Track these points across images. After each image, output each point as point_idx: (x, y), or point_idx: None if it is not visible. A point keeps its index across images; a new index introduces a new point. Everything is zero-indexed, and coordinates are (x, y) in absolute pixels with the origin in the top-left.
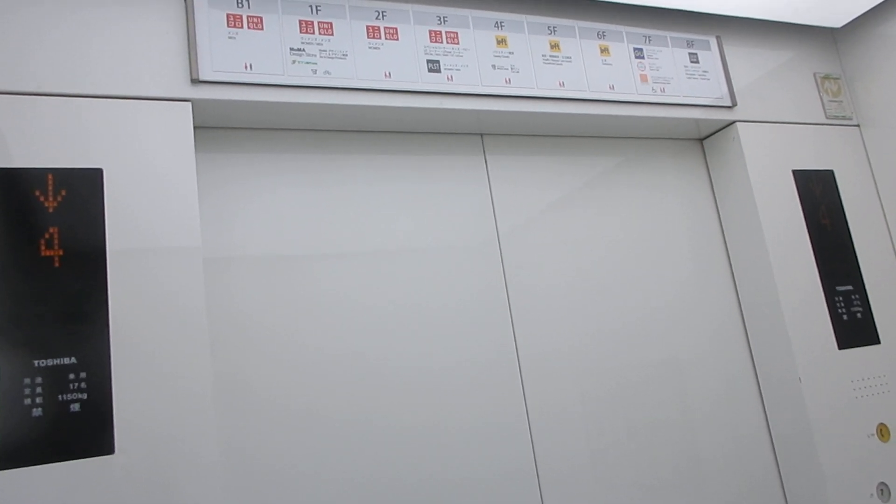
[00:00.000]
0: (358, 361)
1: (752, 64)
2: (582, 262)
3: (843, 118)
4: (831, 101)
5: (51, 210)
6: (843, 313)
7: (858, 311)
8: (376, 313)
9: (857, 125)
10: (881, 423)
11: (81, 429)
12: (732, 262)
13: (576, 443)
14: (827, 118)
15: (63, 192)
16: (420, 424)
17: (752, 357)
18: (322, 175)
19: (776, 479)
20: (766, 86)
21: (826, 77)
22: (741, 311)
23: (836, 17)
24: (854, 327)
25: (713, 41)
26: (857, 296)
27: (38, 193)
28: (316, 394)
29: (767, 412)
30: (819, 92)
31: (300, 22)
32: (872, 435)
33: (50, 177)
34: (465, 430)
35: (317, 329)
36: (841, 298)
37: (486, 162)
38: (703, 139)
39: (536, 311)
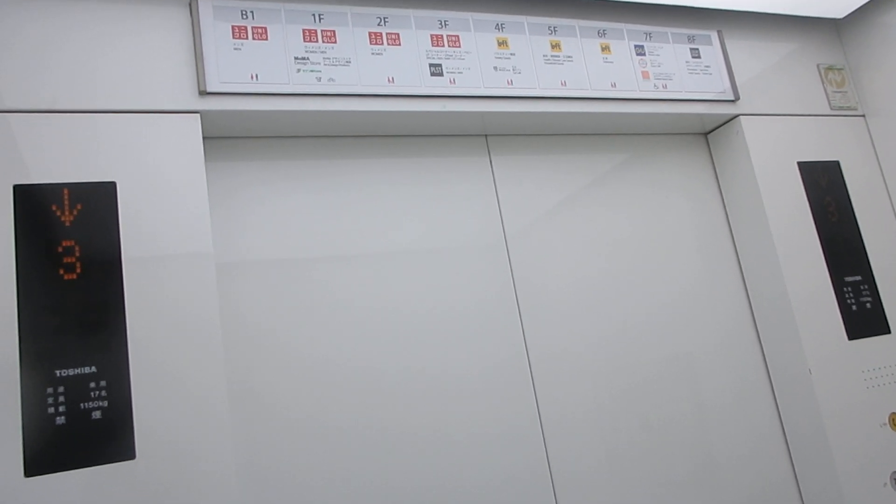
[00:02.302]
0: (367, 364)
1: (754, 57)
2: (589, 260)
3: (848, 109)
4: (836, 91)
5: (67, 224)
6: (852, 304)
7: (868, 302)
8: (385, 316)
9: (863, 115)
10: (893, 413)
11: (103, 435)
12: (740, 256)
13: (588, 442)
14: (832, 109)
15: (79, 206)
16: (431, 427)
17: (763, 350)
18: (329, 180)
19: (789, 471)
20: (770, 79)
21: (830, 68)
22: (750, 304)
23: (839, 7)
24: (864, 317)
25: (714, 36)
26: (865, 286)
27: (54, 208)
28: (326, 397)
29: (779, 404)
30: (823, 83)
31: (304, 31)
32: (884, 425)
33: (66, 191)
34: (477, 431)
35: (326, 332)
36: (850, 289)
37: (490, 163)
38: (707, 134)
39: (546, 311)
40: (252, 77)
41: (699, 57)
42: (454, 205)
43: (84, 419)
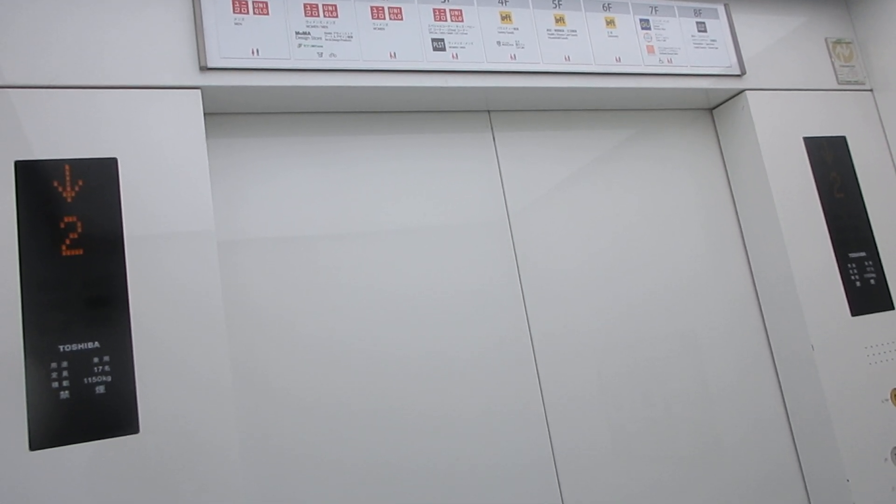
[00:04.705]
0: (367, 342)
1: (761, 31)
2: (593, 238)
3: (856, 83)
4: (843, 66)
5: (69, 200)
6: (856, 280)
7: (872, 278)
8: (386, 294)
9: (870, 90)
10: (895, 389)
11: (107, 410)
12: (744, 232)
13: (591, 421)
14: (839, 84)
15: (80, 182)
16: (432, 406)
17: (766, 326)
18: (331, 156)
19: (791, 446)
20: (776, 53)
21: (838, 42)
22: (753, 280)
23: None
24: (867, 294)
25: (721, 9)
26: (870, 262)
27: (56, 184)
28: (327, 374)
29: (781, 381)
30: (831, 57)
31: (305, 5)
32: (886, 400)
33: (67, 167)
34: (479, 411)
35: (325, 308)
36: (854, 265)
37: (494, 139)
38: (712, 109)
39: (548, 290)
40: (253, 52)
41: (705, 31)
42: (456, 182)
43: (88, 394)
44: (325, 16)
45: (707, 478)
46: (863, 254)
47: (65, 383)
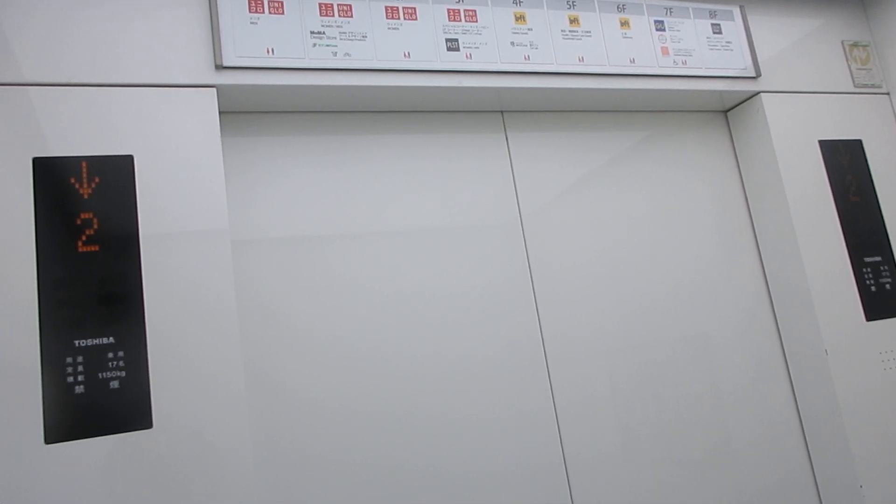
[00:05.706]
0: (379, 341)
1: (777, 33)
2: (606, 239)
3: (873, 86)
4: (860, 69)
5: (86, 196)
6: (871, 284)
7: (887, 283)
8: (398, 295)
9: (887, 93)
10: None
11: (121, 405)
12: (758, 235)
13: (602, 423)
14: (855, 87)
15: (97, 179)
16: (444, 407)
17: (779, 330)
18: (345, 156)
19: (804, 453)
20: (792, 55)
21: (855, 44)
22: (767, 284)
23: None
24: (883, 298)
25: (736, 11)
26: (885, 267)
27: (73, 181)
28: (338, 373)
29: (795, 385)
30: (847, 60)
31: (320, 5)
32: None
33: (84, 164)
34: (490, 413)
35: (338, 308)
36: (869, 270)
37: (507, 139)
38: (727, 111)
39: (561, 291)
40: (268, 51)
41: (720, 32)
42: (469, 182)
43: (102, 388)
44: (339, 15)
45: (718, 483)
46: (878, 258)
47: (80, 378)
